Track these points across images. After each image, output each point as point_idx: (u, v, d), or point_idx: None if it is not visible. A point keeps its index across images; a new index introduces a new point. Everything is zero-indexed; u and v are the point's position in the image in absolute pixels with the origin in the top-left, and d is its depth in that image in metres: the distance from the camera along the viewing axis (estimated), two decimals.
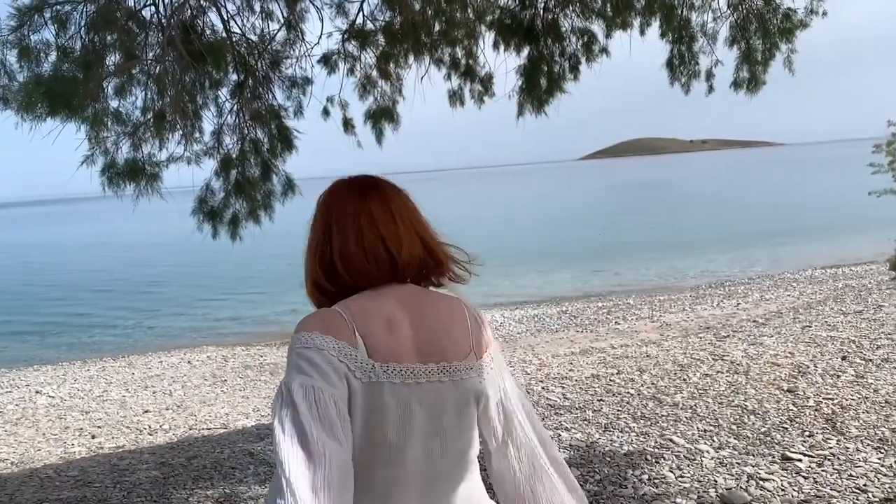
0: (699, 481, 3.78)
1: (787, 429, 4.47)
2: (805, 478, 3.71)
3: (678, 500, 3.55)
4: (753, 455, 4.09)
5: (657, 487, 3.74)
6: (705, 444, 4.34)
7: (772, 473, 3.79)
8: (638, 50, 5.58)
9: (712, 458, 4.08)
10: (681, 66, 5.74)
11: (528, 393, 5.85)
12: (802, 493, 3.55)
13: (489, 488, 1.33)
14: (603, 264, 19.04)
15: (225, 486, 4.28)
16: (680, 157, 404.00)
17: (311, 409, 1.04)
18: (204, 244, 5.70)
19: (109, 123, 4.28)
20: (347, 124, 5.48)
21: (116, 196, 4.44)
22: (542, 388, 5.97)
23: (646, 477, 3.88)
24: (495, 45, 5.56)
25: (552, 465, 1.27)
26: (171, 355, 11.45)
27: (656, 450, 4.28)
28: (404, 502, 1.18)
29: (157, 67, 4.49)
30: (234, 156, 4.97)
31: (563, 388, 5.88)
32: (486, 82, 5.79)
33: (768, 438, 4.33)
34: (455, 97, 5.77)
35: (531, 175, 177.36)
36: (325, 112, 5.42)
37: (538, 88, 5.66)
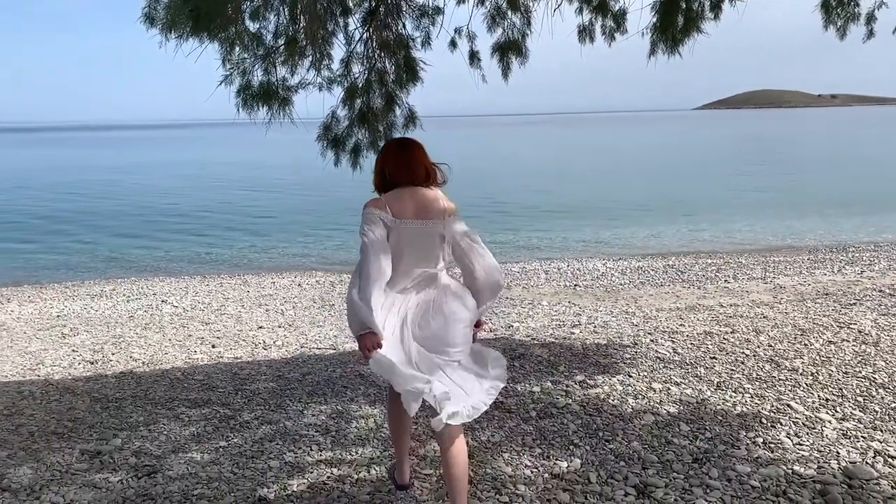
0: (819, 451, 3.60)
1: None
2: None
3: (796, 468, 3.41)
4: (882, 430, 3.86)
5: (773, 452, 3.60)
6: (827, 413, 4.12)
7: None
8: None
9: (834, 429, 3.88)
10: (838, 7, 5.24)
11: (636, 344, 5.74)
12: None
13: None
14: (714, 220, 18.19)
15: (337, 403, 4.48)
16: (805, 111, 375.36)
17: (370, 238, 2.63)
18: (324, 174, 5.84)
19: (248, 45, 4.39)
20: (474, 57, 5.38)
21: (249, 119, 4.59)
22: (651, 340, 5.84)
23: (760, 440, 3.74)
24: None
25: (478, 250, 2.80)
26: (283, 277, 12.02)
27: (772, 414, 4.11)
28: (410, 272, 2.73)
29: None
30: (360, 85, 4.99)
31: (674, 342, 5.73)
32: (619, 18, 5.51)
33: None
34: (585, 33, 5.53)
35: (643, 123, 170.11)
36: (453, 44, 5.32)
37: (674, 27, 5.34)
